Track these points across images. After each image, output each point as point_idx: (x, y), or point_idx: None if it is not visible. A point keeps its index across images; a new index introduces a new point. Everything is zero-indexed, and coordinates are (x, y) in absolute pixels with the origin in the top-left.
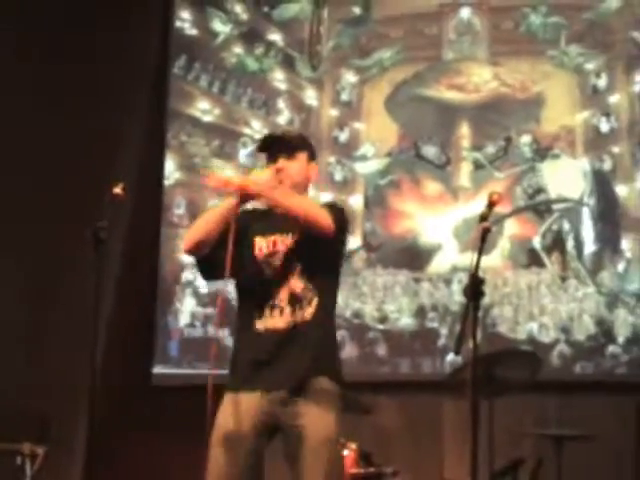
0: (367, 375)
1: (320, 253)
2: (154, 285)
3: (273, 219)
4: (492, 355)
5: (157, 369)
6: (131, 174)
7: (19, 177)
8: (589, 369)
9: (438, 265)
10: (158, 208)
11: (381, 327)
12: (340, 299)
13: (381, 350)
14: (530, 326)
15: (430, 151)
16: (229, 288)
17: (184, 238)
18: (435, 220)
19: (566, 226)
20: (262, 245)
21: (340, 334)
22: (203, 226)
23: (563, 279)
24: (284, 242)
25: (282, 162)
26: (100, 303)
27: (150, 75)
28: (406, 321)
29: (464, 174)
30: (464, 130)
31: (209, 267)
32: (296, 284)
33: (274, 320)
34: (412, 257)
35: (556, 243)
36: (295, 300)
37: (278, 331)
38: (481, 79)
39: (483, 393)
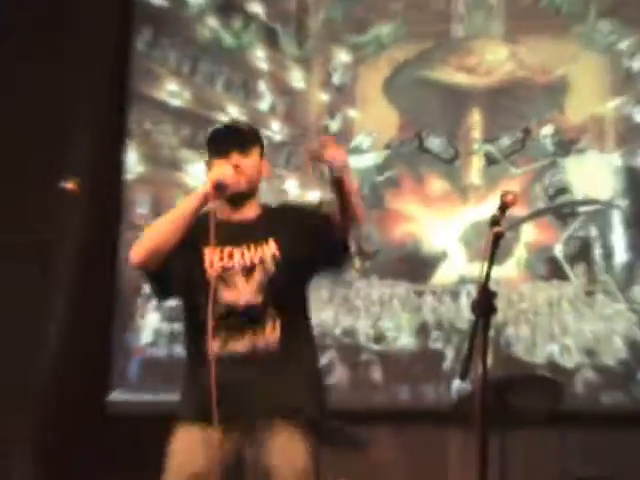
0: (360, 403)
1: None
2: (111, 297)
3: (228, 229)
4: (505, 381)
5: (114, 395)
6: (85, 169)
7: None
8: (619, 399)
9: (443, 276)
10: (117, 207)
11: (377, 348)
12: (329, 314)
13: (376, 374)
14: (550, 348)
15: (435, 143)
16: None
17: (133, 248)
18: (441, 223)
19: (593, 232)
20: (214, 257)
21: (328, 356)
22: (164, 230)
23: (589, 294)
24: (244, 255)
25: (237, 158)
26: (47, 317)
27: (109, 52)
28: (406, 341)
29: (475, 170)
30: (475, 119)
31: (165, 283)
32: (255, 303)
33: (232, 342)
34: (413, 267)
35: (581, 252)
36: (253, 319)
37: (237, 354)
38: (496, 60)
39: (494, 425)
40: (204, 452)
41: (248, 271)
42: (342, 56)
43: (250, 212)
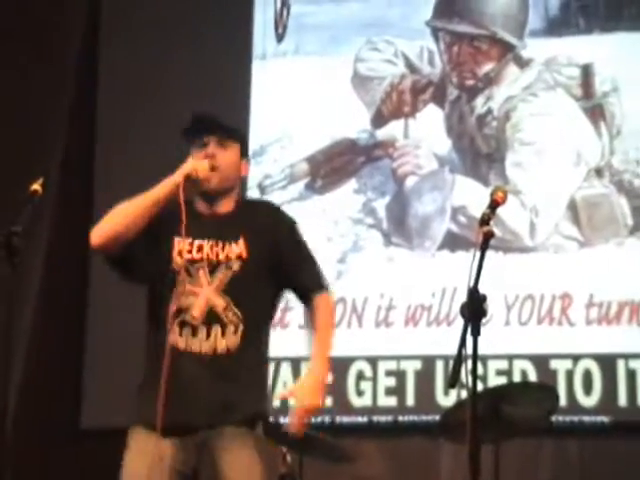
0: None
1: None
2: (84, 305)
3: (201, 222)
4: (497, 389)
5: (87, 408)
6: (55, 168)
7: None
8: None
9: None
10: (89, 208)
11: None
12: None
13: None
14: None
15: None
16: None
17: (94, 229)
18: None
19: None
20: (183, 248)
21: None
22: (128, 214)
23: None
24: (212, 249)
25: (213, 148)
26: (14, 327)
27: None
28: None
29: None
30: None
31: (129, 269)
32: (216, 302)
33: (192, 340)
34: None
35: None
36: (213, 320)
37: (194, 354)
38: None
39: (487, 435)
40: (156, 463)
41: (213, 267)
42: None
43: (226, 206)
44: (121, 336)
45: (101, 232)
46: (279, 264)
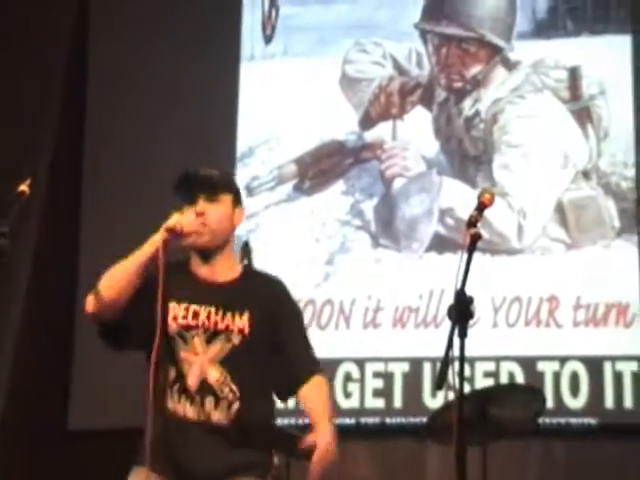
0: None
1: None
2: (72, 306)
3: (199, 286)
4: (486, 391)
5: (75, 409)
6: (44, 169)
7: None
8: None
9: None
10: (77, 209)
11: None
12: None
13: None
14: None
15: None
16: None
17: (88, 297)
18: None
19: None
20: (178, 313)
21: None
22: (119, 279)
23: None
24: (210, 316)
25: (203, 205)
26: (1, 327)
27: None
28: None
29: None
30: None
31: (122, 334)
32: (211, 373)
33: (186, 407)
34: None
35: None
36: (207, 391)
37: (188, 420)
38: None
39: (474, 437)
40: None
41: (210, 336)
42: None
43: (227, 272)
44: None
45: (95, 301)
46: (276, 346)
